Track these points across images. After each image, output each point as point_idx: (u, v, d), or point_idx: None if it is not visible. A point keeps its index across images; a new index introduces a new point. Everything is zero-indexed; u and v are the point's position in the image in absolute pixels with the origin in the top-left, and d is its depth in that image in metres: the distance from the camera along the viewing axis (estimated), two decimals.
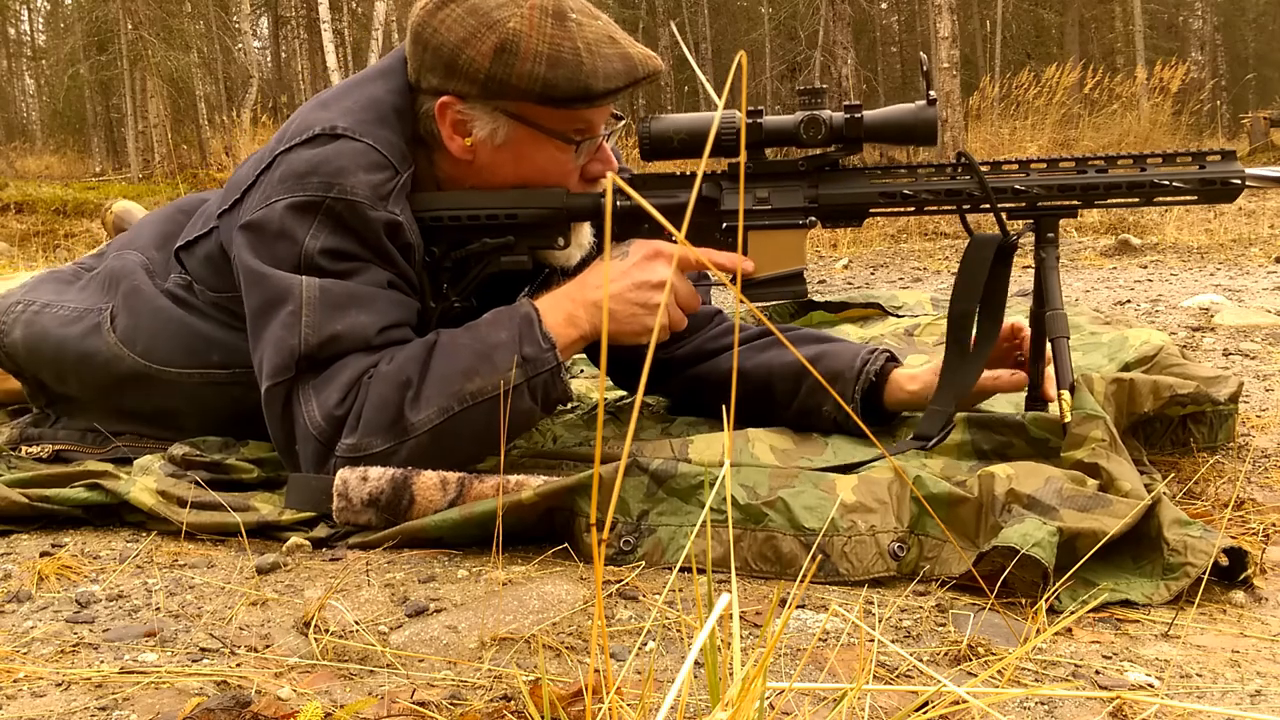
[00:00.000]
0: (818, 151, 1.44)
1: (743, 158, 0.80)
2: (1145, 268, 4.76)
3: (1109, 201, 1.42)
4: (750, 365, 1.59)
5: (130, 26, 15.31)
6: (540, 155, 1.46)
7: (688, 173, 1.51)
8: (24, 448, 1.64)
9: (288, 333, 1.35)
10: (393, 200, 1.41)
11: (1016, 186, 1.42)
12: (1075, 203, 1.43)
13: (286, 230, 1.38)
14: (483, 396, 1.33)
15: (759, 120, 1.42)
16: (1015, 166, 1.44)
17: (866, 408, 1.52)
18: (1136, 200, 1.42)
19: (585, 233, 1.52)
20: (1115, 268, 4.82)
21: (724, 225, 1.47)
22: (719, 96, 0.65)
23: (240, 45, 19.09)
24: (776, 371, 1.57)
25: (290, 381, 1.36)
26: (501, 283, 1.55)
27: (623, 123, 1.54)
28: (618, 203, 1.48)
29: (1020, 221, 1.47)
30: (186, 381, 1.57)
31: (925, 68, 1.41)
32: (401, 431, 1.32)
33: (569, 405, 1.87)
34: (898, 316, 2.42)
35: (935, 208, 1.44)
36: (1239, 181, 1.39)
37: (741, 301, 0.67)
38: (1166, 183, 1.39)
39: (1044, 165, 1.43)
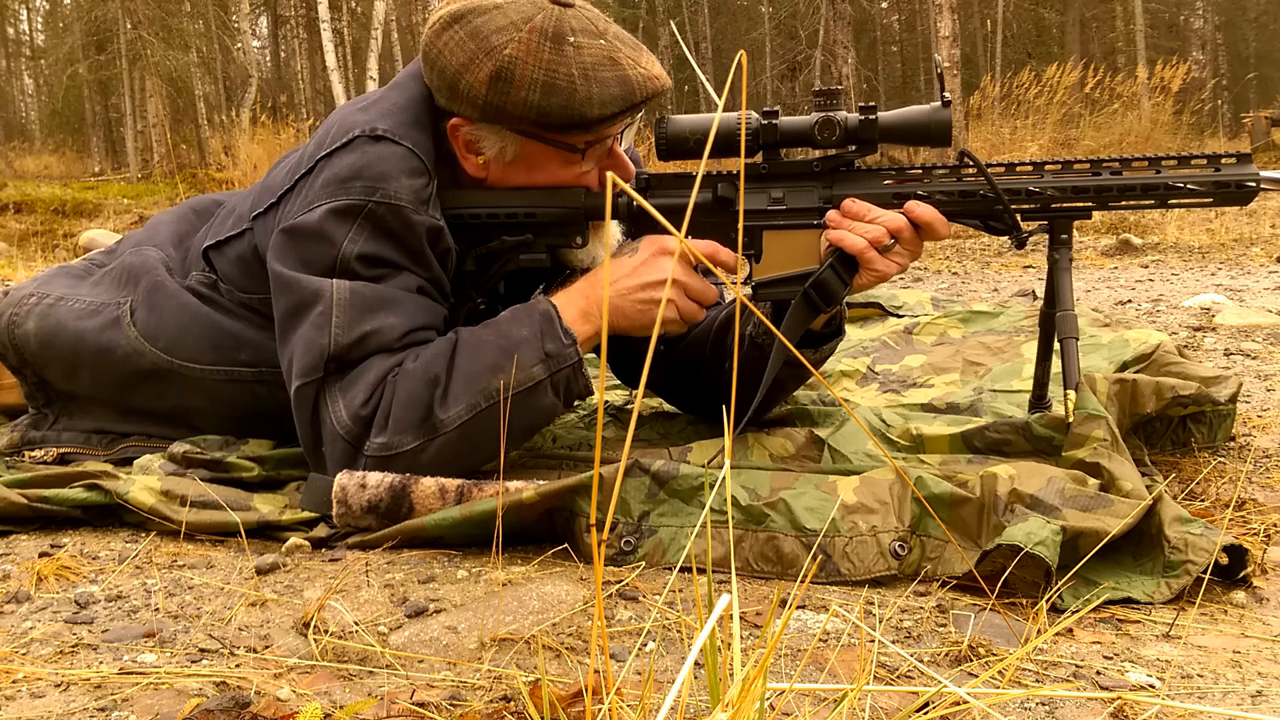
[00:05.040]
0: (833, 152, 1.44)
1: (743, 156, 0.80)
2: (1146, 267, 4.76)
3: (1123, 204, 1.42)
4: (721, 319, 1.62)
5: (129, 26, 15.32)
6: (550, 166, 1.47)
7: (709, 172, 1.52)
8: (27, 452, 1.63)
9: (318, 333, 1.36)
10: (432, 204, 1.42)
11: (1031, 188, 1.41)
12: (1089, 204, 1.42)
13: (325, 233, 1.39)
14: (509, 393, 1.34)
15: (775, 121, 1.42)
16: (1029, 168, 1.43)
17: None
18: (1151, 202, 1.41)
19: (611, 231, 1.53)
20: (1116, 267, 4.82)
21: (739, 225, 1.47)
22: (719, 96, 0.65)
23: (239, 45, 19.10)
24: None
25: (319, 382, 1.37)
26: (517, 281, 1.56)
27: (638, 115, 1.53)
28: (633, 203, 1.48)
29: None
30: (210, 378, 1.57)
31: (939, 70, 1.41)
32: (431, 429, 1.33)
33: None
34: (898, 316, 2.42)
35: (948, 209, 1.43)
36: (1254, 184, 1.38)
37: (744, 298, 0.67)
38: (1181, 185, 1.38)
39: (1058, 167, 1.42)
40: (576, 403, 1.80)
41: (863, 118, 1.40)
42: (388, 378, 1.35)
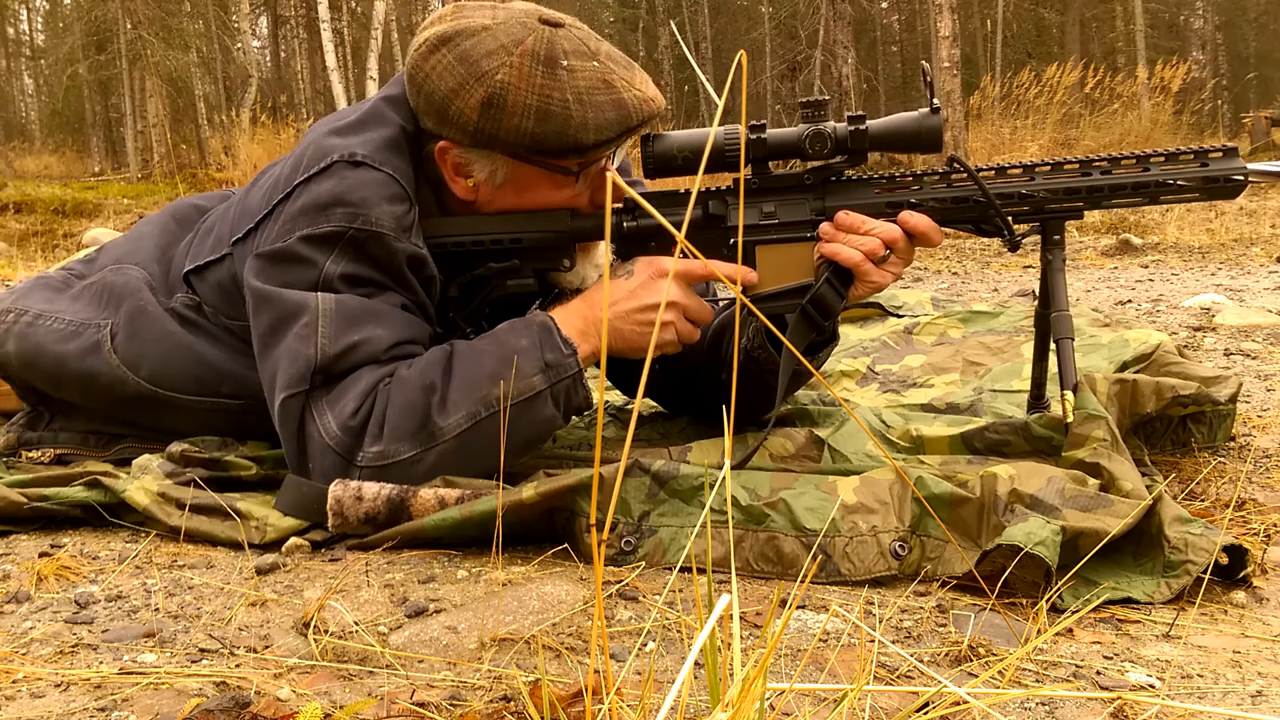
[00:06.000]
0: (823, 163, 1.44)
1: (742, 168, 0.80)
2: (1146, 267, 4.77)
3: (1114, 202, 1.42)
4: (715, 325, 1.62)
5: (129, 26, 15.32)
6: (542, 189, 1.45)
7: (702, 189, 1.50)
8: (24, 453, 1.62)
9: (303, 344, 1.34)
10: (414, 232, 1.40)
11: (1022, 191, 1.41)
12: (1080, 205, 1.43)
13: (305, 257, 1.36)
14: (508, 402, 1.32)
15: (762, 135, 1.41)
16: (1020, 170, 1.43)
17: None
18: (1142, 200, 1.42)
19: (600, 253, 1.52)
20: (1116, 267, 4.82)
21: (731, 241, 1.46)
22: (719, 97, 0.65)
23: (239, 45, 19.10)
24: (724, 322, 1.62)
25: (305, 395, 1.34)
26: (506, 308, 1.55)
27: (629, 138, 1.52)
28: (624, 224, 1.47)
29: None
30: (197, 407, 1.55)
31: (928, 77, 1.40)
32: (429, 437, 1.30)
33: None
34: (898, 316, 2.42)
35: (941, 216, 1.43)
36: (1242, 178, 1.39)
37: (747, 301, 0.67)
38: (1170, 181, 1.39)
39: (1048, 168, 1.43)
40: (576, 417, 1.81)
41: (852, 128, 1.39)
42: (379, 386, 1.33)
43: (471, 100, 1.36)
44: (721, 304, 1.61)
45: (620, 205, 1.49)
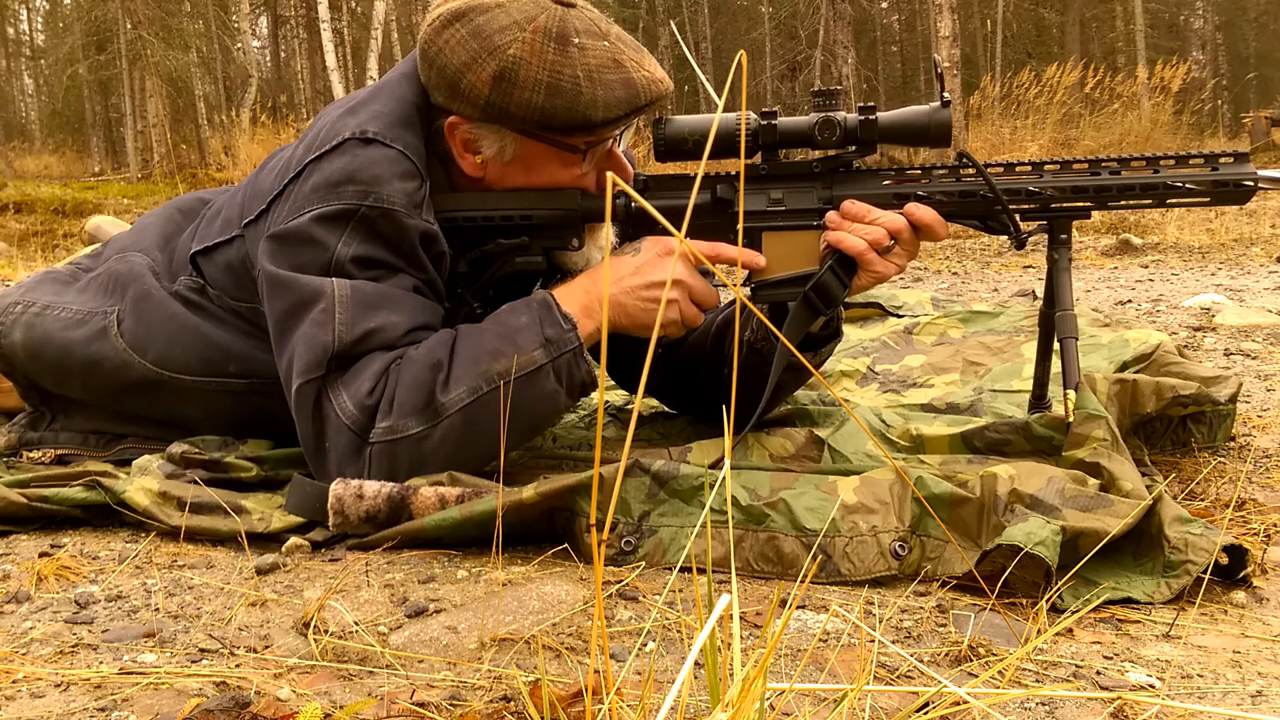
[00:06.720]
0: (832, 153, 1.44)
1: (742, 156, 0.80)
2: (1146, 267, 4.77)
3: (1122, 204, 1.42)
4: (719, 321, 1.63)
5: (129, 26, 15.32)
6: (550, 167, 1.46)
7: (708, 173, 1.51)
8: (25, 453, 1.62)
9: (320, 330, 1.35)
10: (425, 208, 1.41)
11: (1030, 188, 1.41)
12: (1088, 204, 1.43)
13: (317, 238, 1.37)
14: (509, 377, 1.33)
15: (774, 122, 1.41)
16: (1029, 168, 1.43)
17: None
18: (1149, 202, 1.41)
19: (606, 234, 1.53)
20: (1116, 267, 4.82)
21: (738, 226, 1.47)
22: (719, 96, 0.65)
23: (239, 45, 19.11)
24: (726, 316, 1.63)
25: (320, 380, 1.35)
26: (513, 287, 1.55)
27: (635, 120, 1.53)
28: (632, 205, 1.48)
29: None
30: (202, 389, 1.55)
31: (938, 70, 1.40)
32: (434, 414, 1.32)
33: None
34: (898, 316, 2.42)
35: (948, 210, 1.43)
36: (1251, 184, 1.38)
37: (744, 299, 0.67)
38: (1179, 184, 1.39)
39: (1057, 167, 1.43)
40: (580, 399, 1.81)
41: (862, 118, 1.40)
42: (391, 366, 1.35)
43: (483, 74, 1.37)
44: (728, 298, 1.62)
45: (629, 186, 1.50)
